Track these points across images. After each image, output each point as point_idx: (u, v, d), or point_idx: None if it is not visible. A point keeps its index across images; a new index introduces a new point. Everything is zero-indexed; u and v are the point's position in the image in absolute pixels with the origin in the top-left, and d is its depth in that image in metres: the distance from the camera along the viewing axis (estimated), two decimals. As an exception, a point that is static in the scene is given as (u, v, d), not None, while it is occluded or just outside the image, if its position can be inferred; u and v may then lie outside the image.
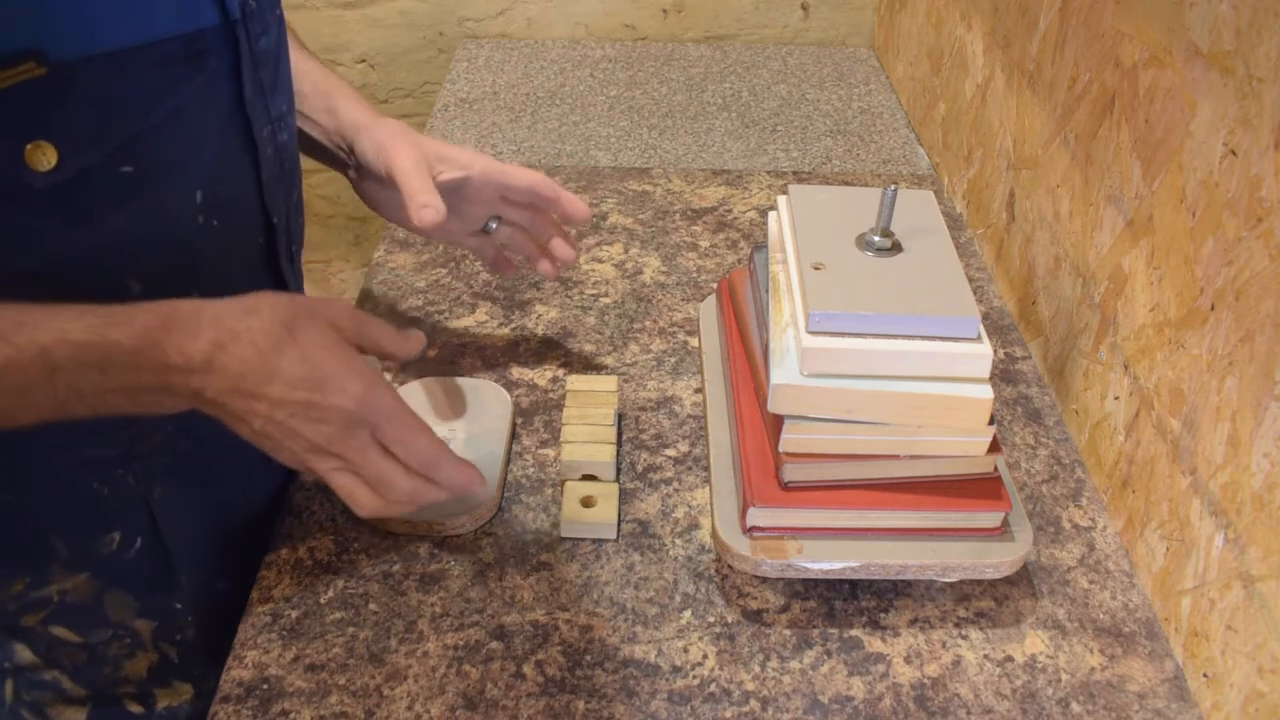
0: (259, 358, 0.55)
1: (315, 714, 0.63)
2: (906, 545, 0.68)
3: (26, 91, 0.50)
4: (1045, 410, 0.88)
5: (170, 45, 0.56)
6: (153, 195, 0.59)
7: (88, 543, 0.67)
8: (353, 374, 0.57)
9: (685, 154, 1.25)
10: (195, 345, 0.54)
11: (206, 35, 0.58)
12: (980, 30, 1.10)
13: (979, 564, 0.68)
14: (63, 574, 0.67)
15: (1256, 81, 0.62)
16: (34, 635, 0.69)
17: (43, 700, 0.71)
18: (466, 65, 1.47)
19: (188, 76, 0.58)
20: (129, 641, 0.71)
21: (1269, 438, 0.61)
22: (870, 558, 0.67)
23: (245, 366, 0.54)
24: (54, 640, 0.69)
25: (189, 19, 0.57)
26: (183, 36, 0.57)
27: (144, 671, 0.72)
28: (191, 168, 0.60)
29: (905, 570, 0.68)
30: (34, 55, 0.49)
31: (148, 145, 0.57)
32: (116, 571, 0.69)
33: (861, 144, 1.29)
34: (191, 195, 0.61)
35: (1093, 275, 0.84)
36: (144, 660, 0.72)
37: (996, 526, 0.69)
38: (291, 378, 0.55)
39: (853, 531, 0.68)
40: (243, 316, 0.56)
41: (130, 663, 0.71)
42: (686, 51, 1.53)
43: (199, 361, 0.54)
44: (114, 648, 0.70)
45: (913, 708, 0.65)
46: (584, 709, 0.64)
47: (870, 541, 0.68)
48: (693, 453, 0.82)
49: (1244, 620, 0.62)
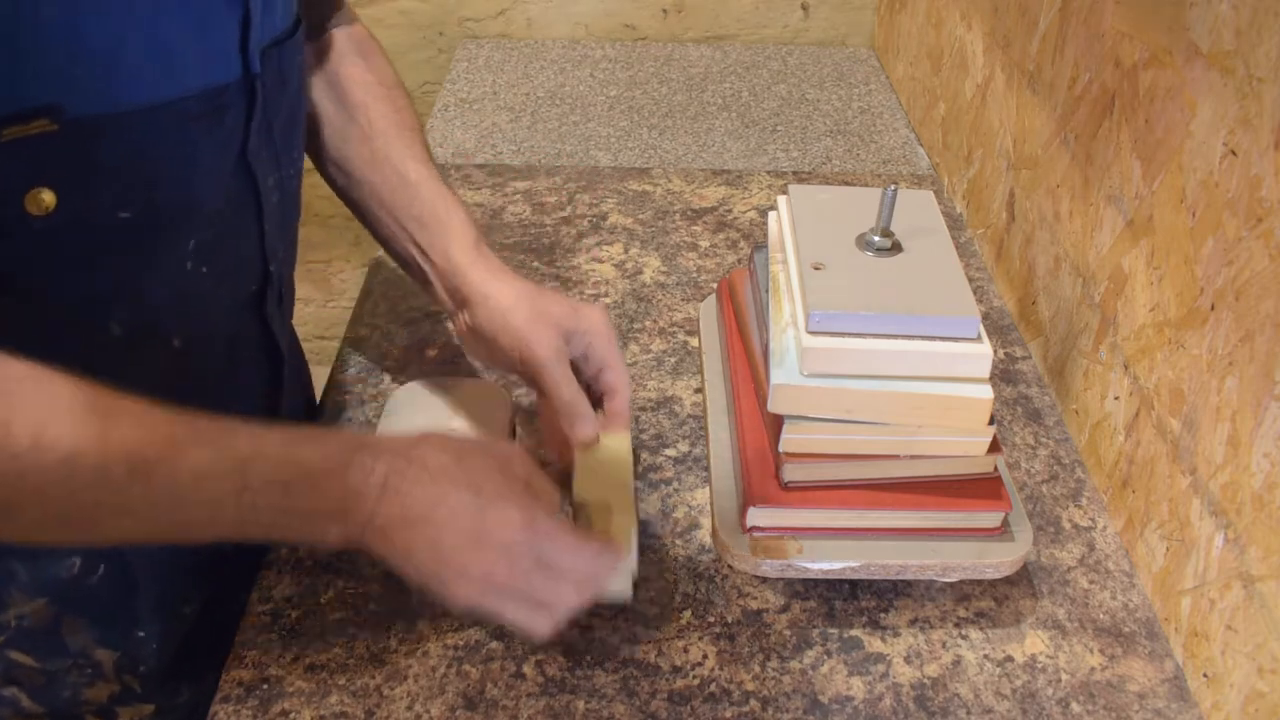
0: (430, 482, 0.54)
1: (315, 714, 0.63)
2: (907, 545, 0.68)
3: (34, 143, 0.49)
4: (1045, 410, 0.88)
5: (192, 102, 0.55)
6: (149, 242, 0.58)
7: (47, 567, 0.65)
8: (514, 502, 0.55)
9: (685, 154, 1.25)
10: (375, 469, 0.53)
11: (229, 90, 0.58)
12: (980, 30, 1.10)
13: (979, 564, 0.68)
14: (21, 598, 0.65)
15: (1256, 81, 0.62)
16: None
17: (3, 717, 0.69)
18: (466, 65, 1.47)
19: (206, 130, 0.57)
20: (89, 671, 0.69)
21: (1269, 438, 0.61)
22: (870, 558, 0.67)
23: (416, 490, 0.53)
24: (12, 663, 0.67)
25: (214, 74, 0.56)
26: (206, 92, 0.56)
27: (104, 698, 0.70)
28: (192, 216, 0.60)
29: (905, 570, 0.68)
30: (49, 111, 0.49)
31: (151, 194, 0.56)
32: (75, 598, 0.66)
33: (861, 144, 1.29)
34: (185, 242, 0.60)
35: (1093, 275, 0.84)
36: (104, 689, 0.69)
37: (996, 526, 0.69)
38: (456, 504, 0.53)
39: (853, 531, 0.68)
40: (416, 444, 0.55)
41: (90, 690, 0.69)
42: (686, 51, 1.53)
43: (376, 484, 0.52)
44: (73, 675, 0.68)
45: (913, 708, 0.65)
46: (584, 709, 0.64)
47: (870, 541, 0.68)
48: (693, 453, 0.82)
49: (1244, 620, 0.62)
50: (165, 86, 0.53)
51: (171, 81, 0.54)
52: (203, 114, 0.56)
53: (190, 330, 0.62)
